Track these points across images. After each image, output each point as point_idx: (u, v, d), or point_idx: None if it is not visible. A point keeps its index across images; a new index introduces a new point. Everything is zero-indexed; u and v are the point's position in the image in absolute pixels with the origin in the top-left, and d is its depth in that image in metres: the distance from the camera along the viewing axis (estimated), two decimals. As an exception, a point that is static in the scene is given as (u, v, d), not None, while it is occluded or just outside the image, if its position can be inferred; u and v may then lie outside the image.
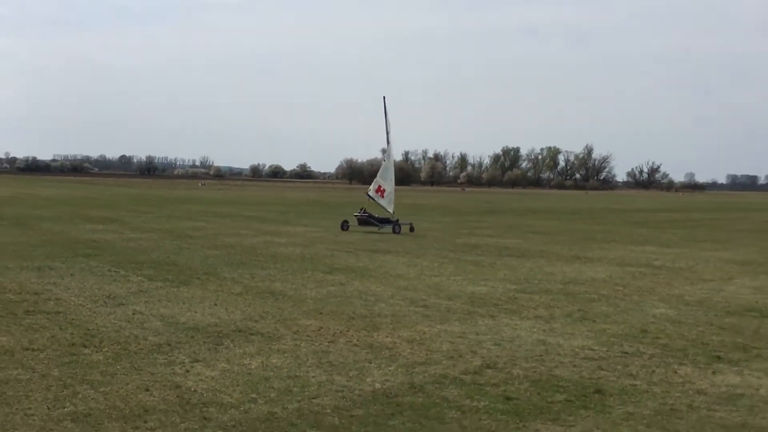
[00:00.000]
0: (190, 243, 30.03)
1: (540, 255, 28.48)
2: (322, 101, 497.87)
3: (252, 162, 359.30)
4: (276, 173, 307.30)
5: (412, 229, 38.97)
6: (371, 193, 40.20)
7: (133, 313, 14.99)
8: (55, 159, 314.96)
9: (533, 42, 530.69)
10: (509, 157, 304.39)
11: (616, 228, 48.31)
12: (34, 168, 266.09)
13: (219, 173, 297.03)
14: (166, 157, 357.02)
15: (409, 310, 16.18)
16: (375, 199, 40.04)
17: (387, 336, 13.48)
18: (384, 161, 42.69)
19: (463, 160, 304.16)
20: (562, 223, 50.21)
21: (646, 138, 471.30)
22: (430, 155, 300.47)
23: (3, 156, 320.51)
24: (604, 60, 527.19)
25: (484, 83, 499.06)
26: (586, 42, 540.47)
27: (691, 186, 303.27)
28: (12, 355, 11.49)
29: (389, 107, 40.38)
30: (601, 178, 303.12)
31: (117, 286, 18.50)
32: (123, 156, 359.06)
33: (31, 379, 10.23)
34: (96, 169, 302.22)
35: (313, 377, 10.69)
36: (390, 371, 11.12)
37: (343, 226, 39.66)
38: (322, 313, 15.46)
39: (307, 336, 13.33)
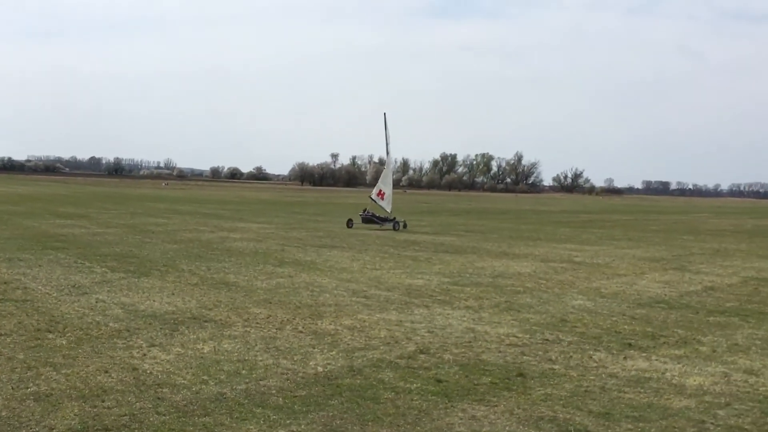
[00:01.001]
0: (151, 237, 29.77)
1: (472, 251, 28.56)
2: (277, 108, 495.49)
3: (212, 164, 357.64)
4: (234, 175, 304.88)
5: (405, 226, 40.69)
6: (373, 196, 42.35)
7: (96, 302, 14.80)
8: (29, 159, 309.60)
9: (469, 57, 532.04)
10: (447, 163, 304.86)
11: (541, 227, 48.60)
12: (9, 167, 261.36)
13: (181, 174, 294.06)
14: (132, 159, 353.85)
15: (351, 300, 16.13)
16: (377, 201, 42.07)
17: (330, 324, 13.43)
18: (385, 168, 44.92)
19: (405, 164, 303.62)
20: (493, 223, 50.44)
21: (570, 146, 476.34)
22: (375, 159, 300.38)
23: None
24: (533, 74, 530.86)
25: (425, 95, 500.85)
26: (517, 58, 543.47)
27: (610, 190, 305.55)
28: (-20, 340, 11.29)
29: (389, 122, 42.37)
30: (530, 182, 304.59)
31: (82, 276, 18.27)
32: (93, 157, 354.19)
33: (-2, 362, 10.05)
34: (67, 169, 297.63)
35: (261, 361, 10.61)
36: (331, 356, 11.07)
37: (349, 223, 41.53)
38: (271, 303, 15.37)
39: (257, 323, 13.24)
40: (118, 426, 7.86)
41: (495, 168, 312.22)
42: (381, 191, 42.20)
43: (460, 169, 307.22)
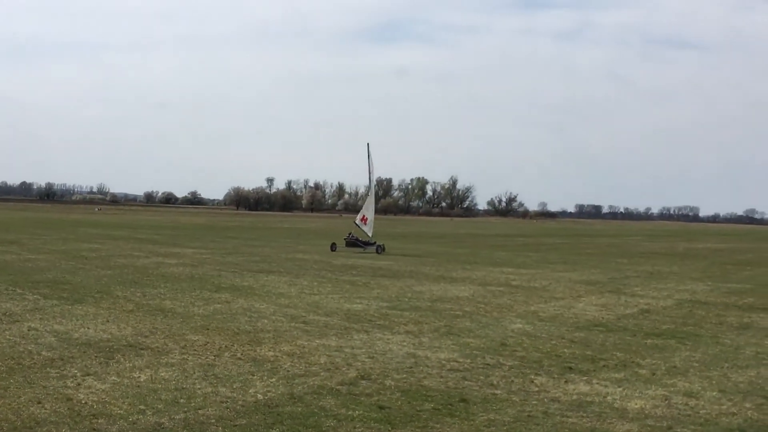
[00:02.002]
0: (85, 263, 29.26)
1: (410, 275, 28.52)
2: (211, 133, 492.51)
3: (146, 189, 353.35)
4: (168, 199, 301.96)
5: (383, 249, 42.52)
6: (357, 222, 44.93)
7: (28, 330, 14.43)
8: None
9: (404, 82, 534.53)
10: (382, 187, 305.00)
11: (477, 251, 48.83)
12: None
13: (115, 199, 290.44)
14: (64, 184, 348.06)
15: (290, 326, 15.95)
16: (360, 227, 44.58)
17: (269, 350, 13.23)
18: (368, 196, 47.19)
19: (341, 188, 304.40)
20: (429, 247, 50.53)
21: (504, 170, 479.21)
22: (311, 184, 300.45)
23: None
24: (467, 99, 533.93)
25: (360, 119, 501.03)
26: (451, 83, 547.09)
27: (544, 214, 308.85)
28: None
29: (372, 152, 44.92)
30: (465, 206, 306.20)
31: (13, 303, 17.84)
32: (24, 182, 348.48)
33: (-75, 394, 9.70)
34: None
35: (199, 389, 10.39)
36: (271, 383, 10.89)
37: (333, 247, 43.16)
38: (208, 329, 15.13)
39: (194, 350, 13.00)
40: (52, 459, 7.61)
41: (430, 192, 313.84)
42: (364, 216, 44.72)
43: (395, 194, 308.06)
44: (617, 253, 51.63)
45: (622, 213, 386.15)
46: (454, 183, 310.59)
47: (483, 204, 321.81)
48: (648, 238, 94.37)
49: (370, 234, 44.30)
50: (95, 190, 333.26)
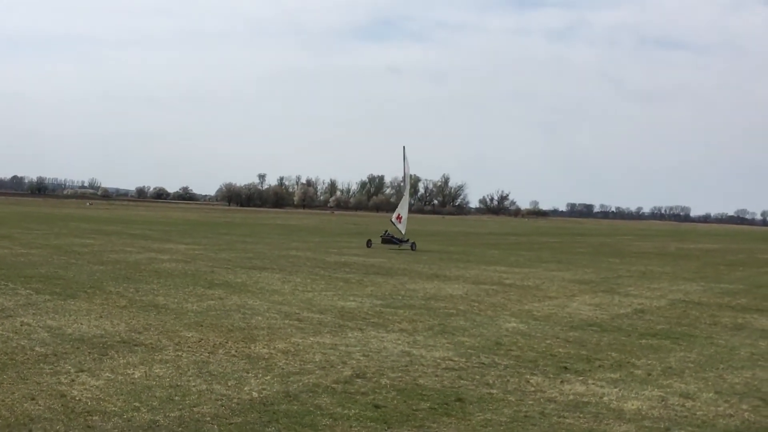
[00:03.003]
0: (77, 258, 29.15)
1: (403, 273, 28.48)
2: (204, 129, 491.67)
3: (138, 184, 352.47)
4: (160, 195, 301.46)
5: (416, 247, 44.60)
6: (393, 220, 47.06)
7: (21, 325, 14.34)
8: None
9: (397, 80, 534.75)
10: (374, 184, 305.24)
11: (470, 249, 48.83)
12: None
13: (106, 194, 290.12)
14: (56, 179, 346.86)
15: (284, 323, 15.88)
16: (395, 224, 46.54)
17: (263, 347, 13.17)
18: (403, 196, 49.34)
19: (333, 185, 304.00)
20: (422, 244, 50.39)
21: (496, 168, 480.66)
22: (302, 181, 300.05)
23: None
24: (460, 97, 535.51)
25: (353, 116, 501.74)
26: (443, 81, 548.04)
27: (536, 212, 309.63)
28: None
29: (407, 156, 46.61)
30: (456, 204, 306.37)
31: (6, 298, 17.74)
32: (15, 176, 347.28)
33: None
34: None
35: (194, 386, 10.32)
36: (266, 381, 10.82)
37: (368, 244, 46.72)
38: (202, 326, 15.06)
39: (188, 347, 12.93)
40: (46, 456, 7.54)
41: (422, 189, 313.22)
42: (399, 215, 46.66)
43: (387, 191, 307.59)
44: (609, 253, 51.66)
45: (613, 212, 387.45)
46: (446, 181, 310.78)
47: (475, 202, 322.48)
48: (639, 237, 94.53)
49: (403, 231, 46.14)
50: (87, 184, 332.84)
